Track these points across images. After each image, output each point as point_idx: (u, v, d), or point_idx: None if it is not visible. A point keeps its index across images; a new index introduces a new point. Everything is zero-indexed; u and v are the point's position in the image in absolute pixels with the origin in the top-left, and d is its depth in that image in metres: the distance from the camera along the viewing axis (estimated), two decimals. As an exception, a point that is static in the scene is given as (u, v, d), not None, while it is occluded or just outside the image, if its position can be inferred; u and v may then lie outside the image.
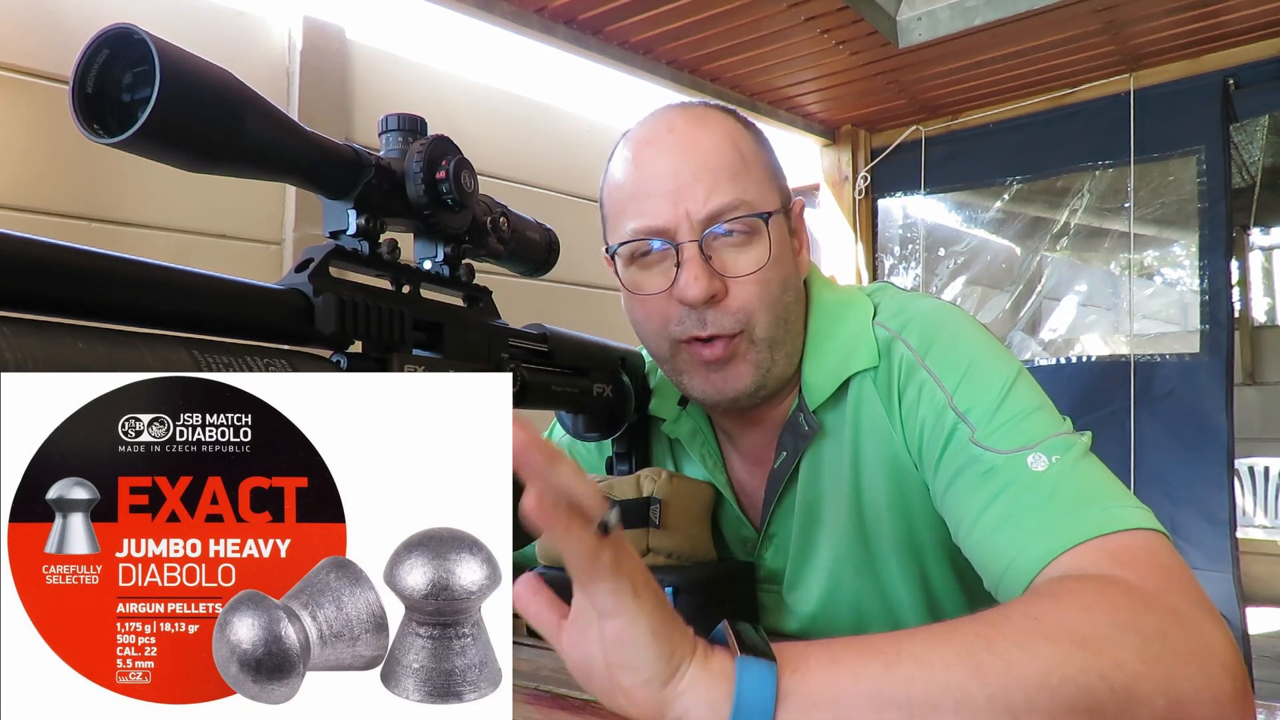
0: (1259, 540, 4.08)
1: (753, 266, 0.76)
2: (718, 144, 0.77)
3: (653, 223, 0.76)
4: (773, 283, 0.77)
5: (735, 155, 0.77)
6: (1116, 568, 0.57)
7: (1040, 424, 0.69)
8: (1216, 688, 0.51)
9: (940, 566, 0.82)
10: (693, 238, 0.75)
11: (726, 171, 0.76)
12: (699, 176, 0.75)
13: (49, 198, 1.53)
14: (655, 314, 0.79)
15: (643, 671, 0.48)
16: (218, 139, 0.46)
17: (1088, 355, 2.95)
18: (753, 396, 0.80)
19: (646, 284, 0.79)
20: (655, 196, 0.76)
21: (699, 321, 0.76)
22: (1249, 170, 3.81)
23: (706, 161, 0.76)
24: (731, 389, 0.78)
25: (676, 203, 0.75)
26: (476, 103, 2.22)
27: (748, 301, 0.76)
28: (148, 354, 0.41)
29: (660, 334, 0.79)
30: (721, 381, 0.78)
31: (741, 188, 0.76)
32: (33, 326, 0.37)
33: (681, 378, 0.81)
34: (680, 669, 0.49)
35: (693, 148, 0.77)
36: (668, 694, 0.49)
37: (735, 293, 0.76)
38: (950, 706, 0.48)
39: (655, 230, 0.76)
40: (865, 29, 2.25)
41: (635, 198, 0.78)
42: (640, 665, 0.48)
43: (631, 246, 0.78)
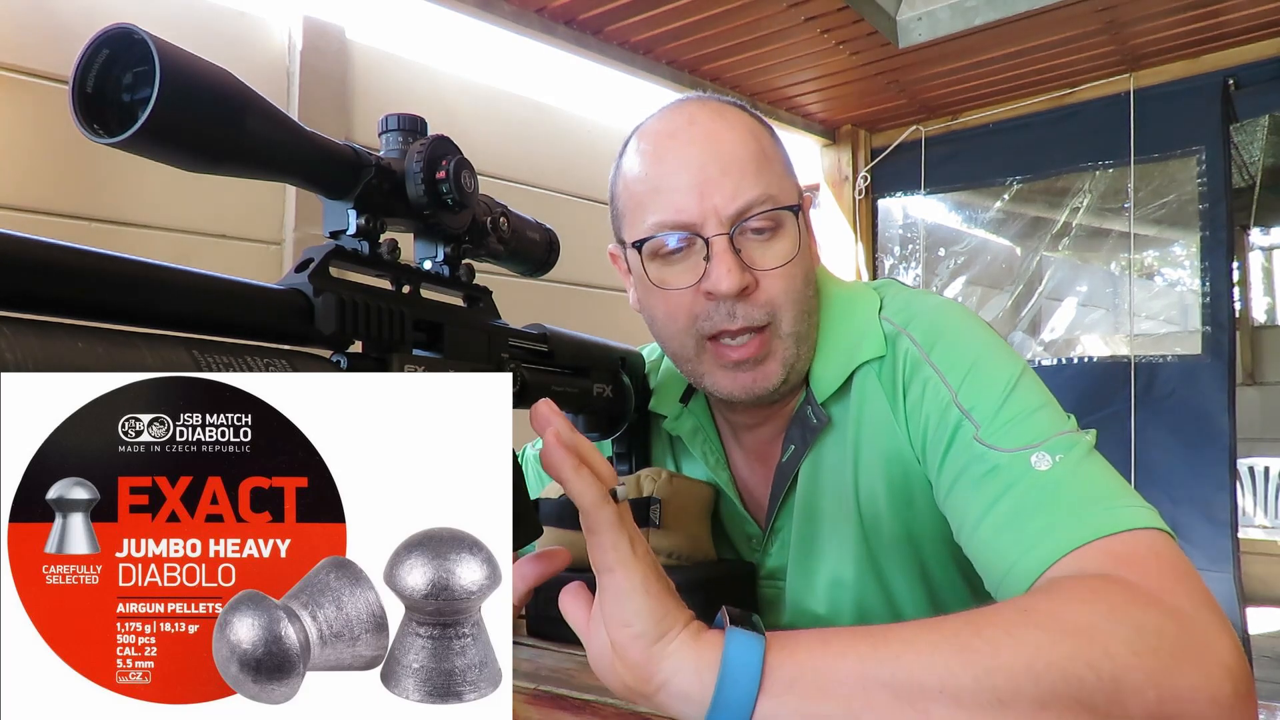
0: (1259, 540, 4.08)
1: (781, 260, 0.76)
2: (741, 137, 0.77)
3: (679, 217, 0.75)
4: (798, 276, 0.78)
5: (758, 149, 0.77)
6: (1120, 568, 0.57)
7: (1044, 422, 0.68)
8: (1215, 688, 0.50)
9: (942, 564, 0.81)
10: (722, 231, 0.74)
11: (752, 165, 0.76)
12: (726, 170, 0.75)
13: (49, 198, 1.53)
14: (681, 310, 0.78)
15: (635, 626, 0.51)
16: (218, 139, 0.46)
17: (1088, 356, 2.95)
18: (777, 392, 0.80)
19: (672, 279, 0.78)
20: (680, 190, 0.75)
21: (729, 315, 0.76)
22: (1249, 170, 3.81)
23: (733, 155, 0.75)
24: (761, 387, 0.78)
25: (704, 197, 0.74)
26: (476, 103, 2.22)
27: (776, 295, 0.76)
28: (148, 354, 0.41)
29: (686, 331, 0.78)
30: (750, 381, 0.78)
31: (766, 181, 0.76)
32: (33, 326, 0.37)
33: (704, 378, 0.81)
34: (670, 633, 0.51)
35: (716, 140, 0.76)
36: (656, 652, 0.51)
37: (764, 285, 0.76)
38: (935, 686, 0.49)
39: (682, 224, 0.75)
40: (865, 29, 2.25)
41: (658, 191, 0.77)
42: (633, 619, 0.51)
43: (656, 241, 0.77)
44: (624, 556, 0.51)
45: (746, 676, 0.50)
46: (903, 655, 0.50)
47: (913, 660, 0.50)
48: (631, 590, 0.51)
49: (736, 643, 0.51)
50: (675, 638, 0.51)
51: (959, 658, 0.49)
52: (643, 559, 0.52)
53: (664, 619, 0.51)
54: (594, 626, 0.53)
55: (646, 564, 0.52)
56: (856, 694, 0.49)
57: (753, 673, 0.50)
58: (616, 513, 0.51)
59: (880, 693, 0.49)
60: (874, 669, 0.50)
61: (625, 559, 0.51)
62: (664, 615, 0.51)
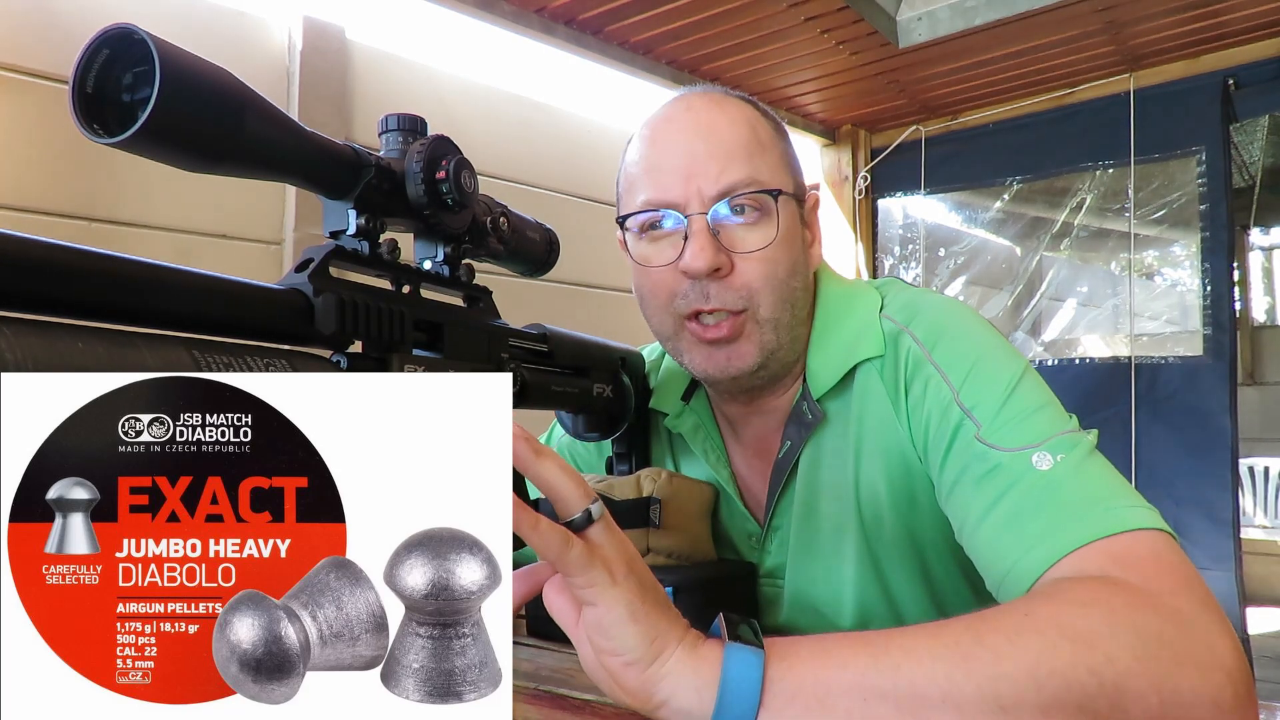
0: (1259, 540, 4.07)
1: (759, 244, 0.77)
2: (734, 125, 0.78)
3: (664, 195, 0.77)
4: (779, 264, 0.78)
5: (751, 136, 0.78)
6: (1120, 570, 0.57)
7: (1045, 421, 0.68)
8: (1216, 692, 0.50)
9: (944, 563, 0.81)
10: (701, 210, 0.76)
11: (741, 151, 0.77)
12: (713, 154, 0.76)
13: (49, 198, 1.53)
14: (661, 288, 0.79)
15: (625, 654, 0.50)
16: (218, 139, 0.46)
17: (1089, 357, 2.95)
18: (754, 375, 0.80)
19: (654, 257, 0.79)
20: (668, 171, 0.77)
21: (702, 295, 0.76)
22: (1249, 170, 3.81)
23: (722, 140, 0.77)
24: (735, 367, 0.79)
25: (689, 178, 0.76)
26: (476, 103, 2.21)
27: (752, 279, 0.77)
28: (148, 354, 0.41)
29: (665, 309, 0.80)
30: (724, 359, 0.78)
31: (754, 167, 0.77)
32: (33, 326, 0.37)
33: (683, 356, 0.82)
34: (665, 653, 0.51)
35: (710, 126, 0.78)
36: (652, 674, 0.50)
37: (740, 269, 0.76)
38: (937, 697, 0.49)
39: (666, 203, 0.77)
40: (865, 29, 2.25)
41: (649, 171, 0.79)
42: (621, 649, 0.50)
43: (642, 218, 0.79)
44: (603, 590, 0.49)
45: (747, 693, 0.49)
46: (903, 665, 0.50)
47: (913, 670, 0.50)
48: (616, 621, 0.50)
49: (735, 659, 0.50)
50: (671, 656, 0.51)
51: (960, 667, 0.49)
52: (624, 584, 0.50)
53: (656, 640, 0.50)
54: (581, 635, 0.52)
55: (629, 587, 0.50)
56: (857, 706, 0.49)
57: (753, 689, 0.49)
58: (585, 550, 0.49)
59: (881, 704, 0.49)
60: (875, 680, 0.50)
61: (604, 592, 0.49)
62: (655, 636, 0.51)
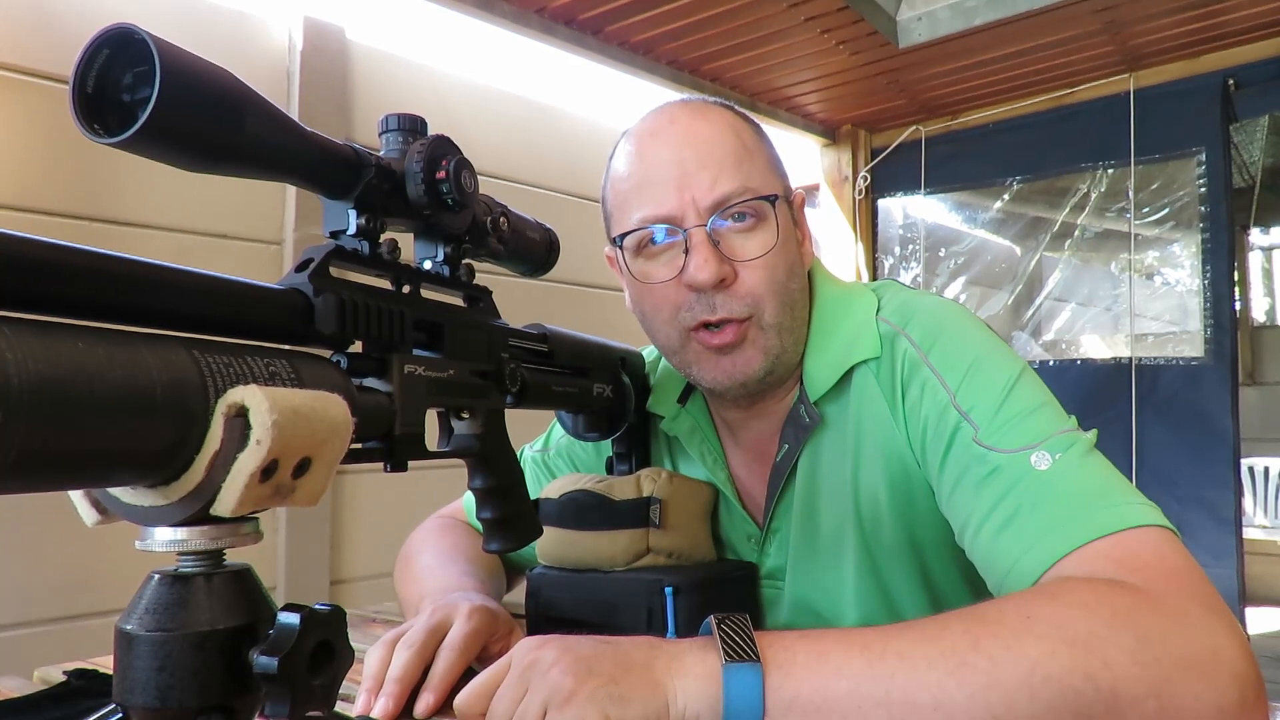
0: (1259, 540, 4.07)
1: (760, 250, 0.77)
2: (719, 133, 0.78)
3: (659, 210, 0.77)
4: (779, 268, 0.78)
5: (737, 143, 0.78)
6: (1122, 570, 0.57)
7: (1043, 422, 0.68)
8: (1221, 695, 0.50)
9: (944, 566, 0.81)
10: (700, 223, 0.76)
11: (730, 159, 0.77)
12: (703, 164, 0.76)
13: (49, 198, 1.53)
14: (664, 303, 0.79)
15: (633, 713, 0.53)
16: (218, 139, 0.46)
17: (1090, 358, 2.95)
18: (762, 382, 0.80)
19: (655, 273, 0.79)
20: (660, 185, 0.77)
21: (708, 306, 0.76)
22: (1249, 170, 3.81)
23: (710, 150, 0.77)
24: (741, 373, 0.79)
25: (682, 190, 0.76)
26: (476, 103, 2.22)
27: (756, 286, 0.77)
28: (148, 354, 0.41)
29: (670, 323, 0.79)
30: (731, 366, 0.79)
31: (745, 174, 0.77)
32: (33, 326, 0.37)
33: (691, 368, 0.82)
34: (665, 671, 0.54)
35: (695, 137, 0.78)
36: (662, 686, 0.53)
37: (744, 277, 0.77)
38: (930, 704, 0.50)
39: (662, 218, 0.77)
40: (865, 29, 2.25)
41: (640, 187, 0.78)
42: None
43: (638, 236, 0.79)
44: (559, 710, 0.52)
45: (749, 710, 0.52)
46: (898, 673, 0.51)
47: (907, 678, 0.50)
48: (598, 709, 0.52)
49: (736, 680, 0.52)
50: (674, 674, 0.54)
51: (954, 676, 0.50)
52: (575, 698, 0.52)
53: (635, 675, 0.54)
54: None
55: (582, 702, 0.52)
56: (852, 713, 0.51)
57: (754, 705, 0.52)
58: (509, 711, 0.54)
59: (876, 711, 0.50)
60: (869, 688, 0.51)
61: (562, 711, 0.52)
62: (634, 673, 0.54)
